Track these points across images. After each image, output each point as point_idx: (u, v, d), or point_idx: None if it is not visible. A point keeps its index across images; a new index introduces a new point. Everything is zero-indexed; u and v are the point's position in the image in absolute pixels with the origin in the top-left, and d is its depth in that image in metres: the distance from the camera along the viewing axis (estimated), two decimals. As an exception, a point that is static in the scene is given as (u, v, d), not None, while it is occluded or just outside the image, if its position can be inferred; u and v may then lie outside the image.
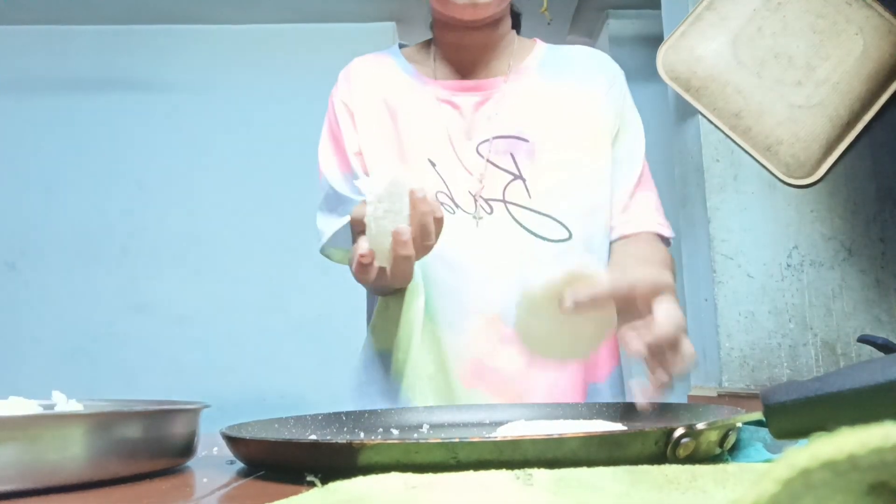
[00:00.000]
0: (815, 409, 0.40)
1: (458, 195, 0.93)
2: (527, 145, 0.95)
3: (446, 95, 0.99)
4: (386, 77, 1.02)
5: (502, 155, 0.95)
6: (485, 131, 0.96)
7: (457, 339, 0.89)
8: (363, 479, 0.39)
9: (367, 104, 1.00)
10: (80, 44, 2.78)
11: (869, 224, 1.65)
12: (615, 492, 0.36)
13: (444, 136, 0.96)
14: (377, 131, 0.98)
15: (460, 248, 0.91)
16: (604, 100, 1.01)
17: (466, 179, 0.94)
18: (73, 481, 0.44)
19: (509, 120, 0.97)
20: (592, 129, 0.99)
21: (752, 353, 1.61)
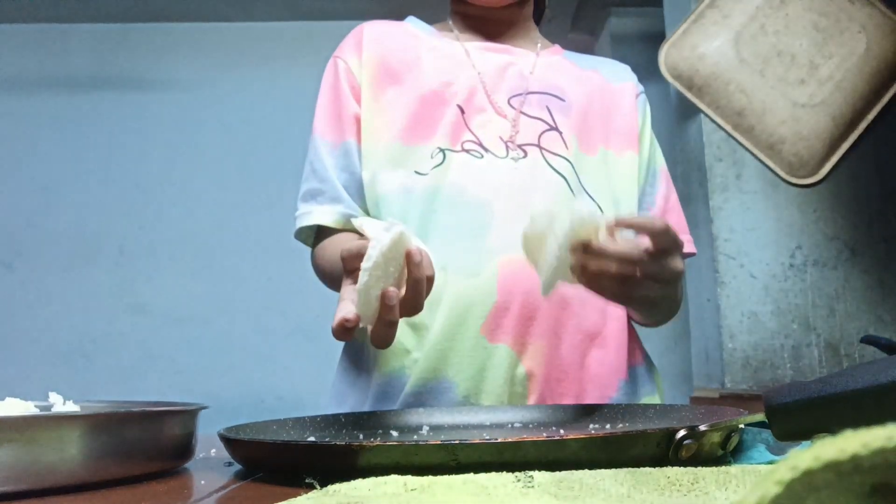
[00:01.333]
0: (818, 411, 0.40)
1: (487, 140, 0.88)
2: (563, 104, 0.92)
3: (474, 50, 0.94)
4: (401, 36, 0.96)
5: (537, 107, 0.91)
6: (516, 85, 0.92)
7: (479, 285, 0.80)
8: (362, 482, 0.39)
9: (382, 66, 0.93)
10: (77, 42, 2.78)
11: (872, 224, 1.64)
12: (616, 494, 0.36)
13: (474, 83, 0.91)
14: (387, 95, 0.91)
15: (486, 189, 0.85)
16: (633, 100, 0.99)
17: (498, 126, 0.89)
18: (70, 483, 0.44)
19: (543, 79, 0.93)
20: (622, 123, 0.97)
21: (755, 353, 1.60)
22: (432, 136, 0.88)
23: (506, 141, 0.88)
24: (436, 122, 0.89)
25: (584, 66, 0.99)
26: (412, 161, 0.88)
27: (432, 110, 0.89)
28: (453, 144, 0.88)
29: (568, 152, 0.89)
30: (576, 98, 0.93)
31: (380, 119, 0.91)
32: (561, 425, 0.63)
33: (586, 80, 0.97)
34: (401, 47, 0.94)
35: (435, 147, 0.88)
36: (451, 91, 0.90)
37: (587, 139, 0.92)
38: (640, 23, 2.68)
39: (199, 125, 2.74)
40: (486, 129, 0.88)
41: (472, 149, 0.87)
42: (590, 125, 0.93)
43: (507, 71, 0.93)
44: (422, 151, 0.88)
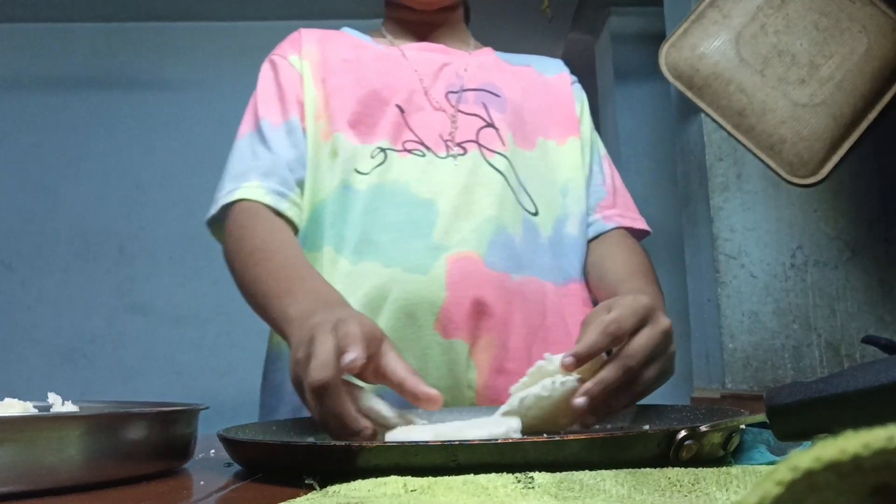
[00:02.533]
0: (819, 411, 0.40)
1: (427, 139, 0.89)
2: (499, 99, 0.93)
3: (412, 52, 0.96)
4: (337, 38, 0.97)
5: (473, 104, 0.92)
6: (452, 83, 0.93)
7: (428, 282, 0.79)
8: (362, 482, 0.39)
9: (322, 63, 0.93)
10: (76, 42, 2.77)
11: (873, 224, 1.64)
12: (617, 494, 0.36)
13: (412, 82, 0.92)
14: (327, 88, 0.91)
15: (430, 187, 0.85)
16: (569, 88, 1.01)
17: (438, 123, 0.90)
18: (69, 483, 0.44)
19: (477, 77, 0.95)
20: (560, 111, 0.98)
21: (756, 354, 1.60)
22: (373, 137, 0.88)
23: (445, 139, 0.89)
24: (376, 123, 0.89)
25: (516, 63, 1.01)
26: (353, 159, 0.87)
27: (372, 110, 0.90)
28: (395, 143, 0.88)
29: (504, 149, 0.89)
30: (510, 93, 0.95)
31: (321, 108, 0.90)
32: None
33: (520, 76, 0.98)
34: (339, 48, 0.95)
35: (375, 147, 0.88)
36: (390, 91, 0.91)
37: (523, 134, 0.93)
38: (641, 22, 2.68)
39: (199, 124, 2.74)
40: (426, 128, 0.89)
41: (413, 148, 0.88)
42: (525, 120, 0.94)
43: (442, 70, 0.94)
44: (363, 151, 0.88)
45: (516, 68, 1.00)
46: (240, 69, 2.77)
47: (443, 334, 0.79)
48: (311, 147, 0.90)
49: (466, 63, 0.96)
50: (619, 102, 2.68)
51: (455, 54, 0.97)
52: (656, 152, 2.64)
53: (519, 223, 0.87)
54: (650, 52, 1.97)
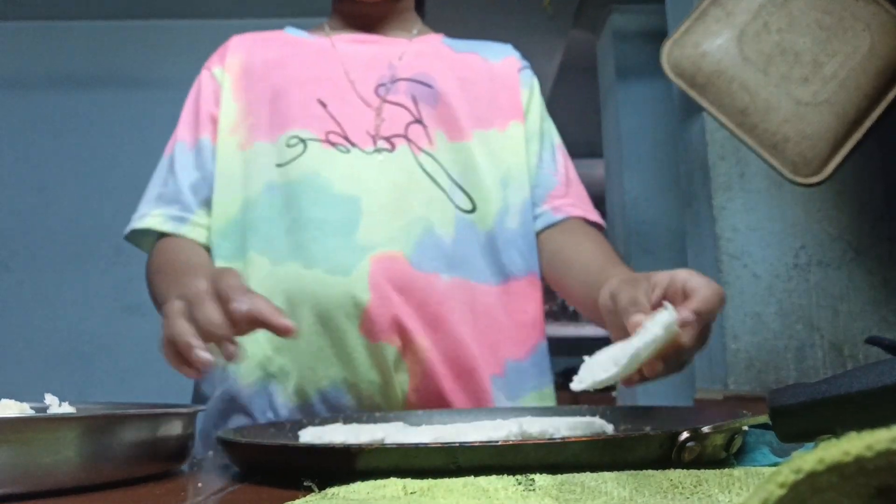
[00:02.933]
0: (822, 412, 0.40)
1: (353, 133, 0.86)
2: (430, 92, 0.90)
3: (342, 44, 0.93)
4: (269, 41, 0.96)
5: (403, 96, 0.89)
6: (383, 74, 0.91)
7: (350, 283, 0.77)
8: (361, 485, 0.38)
9: (244, 69, 0.92)
10: (74, 40, 2.77)
11: (877, 224, 1.64)
12: (619, 496, 0.36)
13: (338, 76, 0.90)
14: (249, 96, 0.90)
15: (354, 184, 0.82)
16: (516, 74, 0.97)
17: (363, 117, 0.87)
18: (66, 485, 0.44)
19: (411, 66, 0.92)
20: (503, 98, 0.95)
21: (759, 354, 1.60)
22: (289, 126, 0.86)
23: (371, 134, 0.86)
24: (294, 114, 0.87)
25: (460, 50, 0.97)
26: (272, 155, 0.86)
27: (291, 104, 0.88)
28: (317, 133, 0.86)
29: (432, 147, 0.87)
30: (444, 84, 0.91)
31: (239, 120, 0.90)
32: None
33: (461, 63, 0.95)
34: (264, 50, 0.94)
35: (292, 136, 0.85)
36: (312, 85, 0.89)
37: (456, 127, 0.89)
38: (643, 20, 2.68)
39: (201, 125, 2.74)
40: (351, 122, 0.86)
41: (337, 142, 0.85)
42: (460, 112, 0.90)
43: (374, 59, 0.92)
44: (280, 142, 0.86)
45: (459, 55, 0.96)
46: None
47: (369, 337, 0.77)
48: (226, 161, 0.89)
49: (402, 51, 0.94)
50: (621, 101, 2.68)
51: (392, 43, 0.95)
52: (658, 151, 2.63)
53: (451, 224, 0.85)
54: (652, 50, 1.97)
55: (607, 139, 2.88)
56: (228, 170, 0.88)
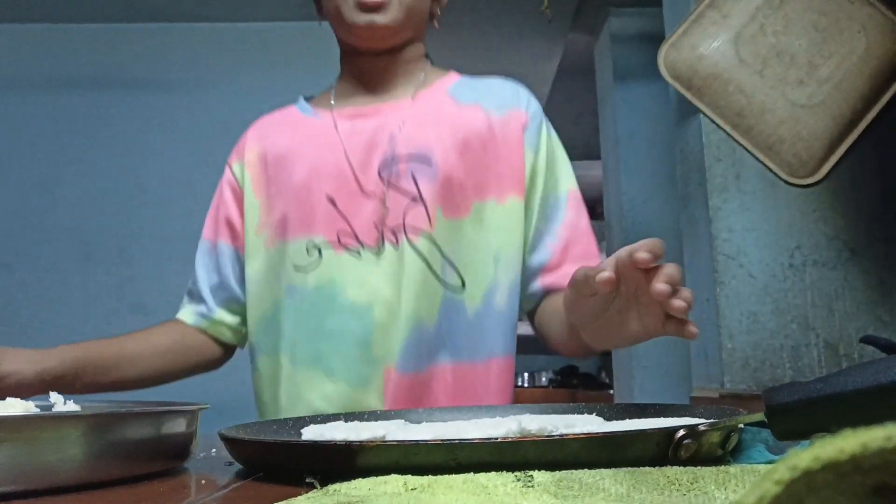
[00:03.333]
0: (818, 411, 0.40)
1: (361, 230, 0.89)
2: (430, 169, 0.90)
3: (344, 122, 0.95)
4: (280, 126, 1.00)
5: (404, 177, 0.90)
6: (385, 151, 0.91)
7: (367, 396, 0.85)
8: (363, 481, 0.39)
9: (260, 166, 0.98)
10: (77, 42, 2.77)
11: (872, 224, 1.64)
12: (616, 493, 0.36)
13: (342, 167, 0.92)
14: (269, 191, 0.96)
15: (366, 291, 0.87)
16: (520, 134, 0.95)
17: (369, 209, 0.90)
18: (71, 483, 0.44)
19: (412, 139, 0.92)
20: (505, 164, 0.93)
21: (755, 353, 1.60)
22: (309, 230, 0.91)
23: (378, 226, 0.89)
24: (308, 218, 0.91)
25: (465, 102, 0.96)
26: (291, 256, 0.91)
27: (305, 206, 0.92)
28: (330, 237, 0.90)
29: (430, 227, 0.89)
30: (443, 157, 0.91)
31: (263, 215, 0.95)
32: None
33: (464, 122, 0.94)
34: (276, 142, 0.98)
35: (310, 241, 0.90)
36: (320, 180, 0.92)
37: (455, 202, 0.90)
38: (640, 23, 2.68)
39: (199, 125, 2.74)
40: (358, 217, 0.90)
41: (348, 244, 0.89)
42: (458, 185, 0.91)
43: (375, 138, 0.93)
44: (299, 246, 0.91)
45: (463, 110, 0.95)
46: (239, 70, 2.78)
47: None
48: (256, 260, 0.95)
49: (403, 117, 0.93)
50: (619, 103, 2.68)
51: (393, 108, 0.95)
52: (655, 153, 2.64)
53: (436, 309, 0.88)
54: (649, 53, 1.97)
55: (605, 141, 2.88)
56: (259, 268, 0.95)
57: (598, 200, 4.99)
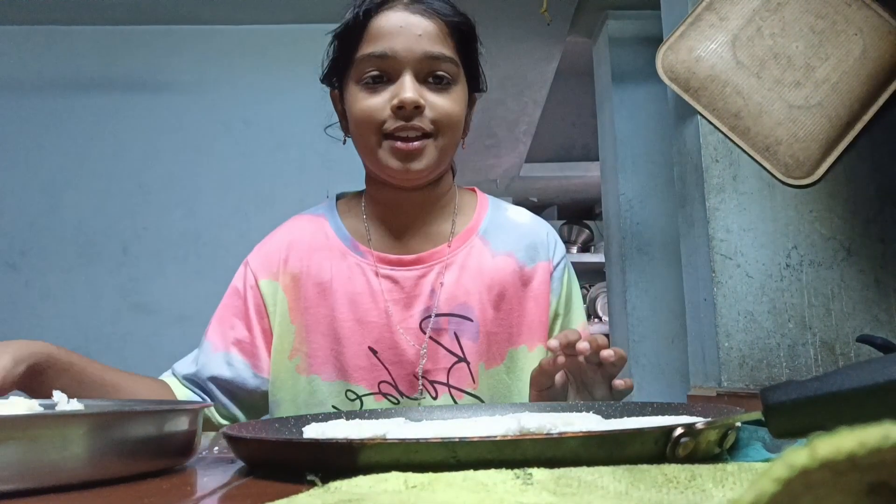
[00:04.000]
0: (815, 409, 0.40)
1: (401, 381, 0.90)
2: (471, 325, 0.92)
3: (386, 270, 0.94)
4: (321, 254, 0.96)
5: (445, 334, 0.92)
6: (427, 307, 0.92)
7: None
8: (363, 479, 0.39)
9: (296, 289, 0.94)
10: (81, 44, 2.78)
11: (868, 224, 1.65)
12: (615, 491, 0.36)
13: (384, 318, 0.91)
14: (306, 321, 0.93)
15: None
16: (547, 286, 0.98)
17: (409, 360, 0.90)
18: (74, 481, 0.44)
19: (453, 296, 0.93)
20: (534, 314, 0.97)
21: (752, 352, 1.61)
22: (346, 377, 0.91)
23: (419, 377, 0.90)
24: (350, 367, 0.90)
25: (497, 250, 0.97)
26: (331, 395, 0.91)
27: (347, 356, 0.91)
28: (370, 387, 0.90)
29: (474, 387, 0.91)
30: (483, 315, 0.93)
31: (297, 342, 0.93)
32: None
33: (498, 274, 0.95)
34: (318, 272, 0.94)
35: (348, 388, 0.90)
36: (363, 330, 0.91)
37: (492, 353, 0.93)
38: (638, 25, 2.69)
39: (202, 126, 2.74)
40: (399, 367, 0.90)
41: (388, 392, 0.90)
42: (494, 337, 0.93)
43: (416, 290, 0.93)
44: (336, 388, 0.91)
45: (497, 261, 0.96)
46: (241, 72, 2.78)
47: None
48: (286, 381, 0.93)
49: (443, 268, 0.94)
50: (617, 105, 2.69)
51: (430, 257, 0.94)
52: (653, 154, 2.64)
53: None
54: (647, 55, 1.98)
55: (603, 142, 2.89)
56: (289, 392, 0.93)
57: (596, 201, 4.99)
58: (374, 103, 0.87)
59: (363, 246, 0.95)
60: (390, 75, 0.87)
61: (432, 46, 0.87)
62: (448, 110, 0.88)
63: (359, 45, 0.89)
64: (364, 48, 0.88)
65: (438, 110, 0.87)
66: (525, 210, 1.06)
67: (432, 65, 0.87)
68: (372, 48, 0.87)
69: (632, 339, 2.53)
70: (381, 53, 0.87)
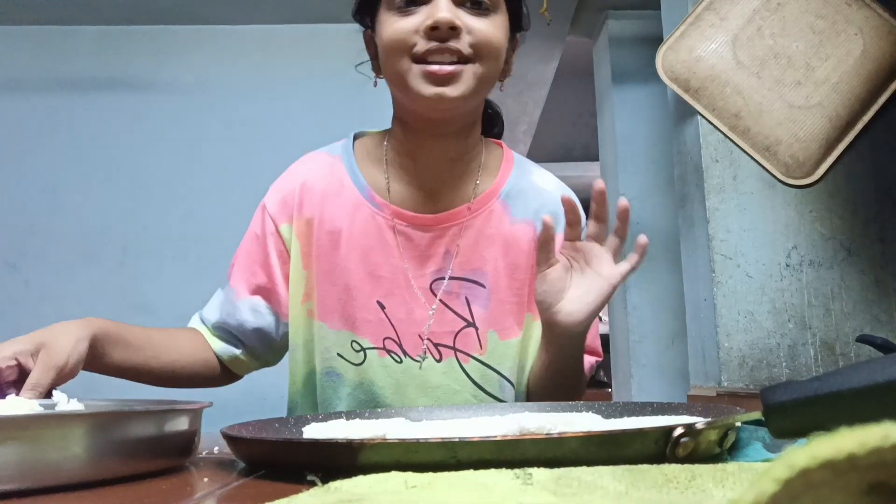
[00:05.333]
0: (815, 409, 0.40)
1: (406, 340, 0.89)
2: (483, 292, 0.91)
3: (402, 227, 0.91)
4: (336, 201, 0.92)
5: (456, 298, 0.90)
6: (440, 268, 0.90)
7: None
8: (363, 479, 0.39)
9: (310, 234, 0.92)
10: (80, 44, 2.78)
11: (868, 224, 1.65)
12: (615, 491, 0.36)
13: (396, 274, 0.90)
14: (318, 268, 0.91)
15: (401, 398, 0.88)
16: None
17: (416, 320, 0.89)
18: (74, 481, 0.44)
19: (467, 260, 0.91)
20: None
21: (752, 352, 1.61)
22: (353, 328, 0.90)
23: (424, 337, 0.89)
24: (357, 318, 0.90)
25: (517, 217, 0.94)
26: (334, 343, 0.90)
27: (356, 306, 0.90)
28: (374, 341, 0.89)
29: (482, 352, 0.90)
30: (497, 281, 0.91)
31: (308, 288, 0.92)
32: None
33: (515, 242, 0.93)
34: (332, 219, 0.92)
35: (355, 339, 0.90)
36: (373, 283, 0.90)
37: (507, 325, 0.91)
38: (638, 25, 2.69)
39: (202, 126, 2.74)
40: (405, 325, 0.89)
41: (392, 349, 0.89)
42: (510, 305, 0.92)
43: (431, 250, 0.91)
44: (343, 337, 0.90)
45: (515, 228, 0.94)
46: (241, 72, 2.78)
47: None
48: (298, 327, 0.93)
49: (460, 231, 0.91)
50: (617, 105, 2.69)
51: (449, 219, 0.91)
52: (653, 154, 2.64)
53: None
54: (648, 55, 1.98)
55: (603, 142, 2.89)
56: (302, 336, 0.93)
57: (595, 201, 4.98)
58: (405, 25, 0.81)
59: (380, 198, 0.92)
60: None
61: None
62: (488, 34, 0.82)
63: None
64: None
65: (477, 34, 0.81)
66: (551, 175, 1.02)
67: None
68: None
69: (632, 339, 2.53)
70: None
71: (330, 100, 2.58)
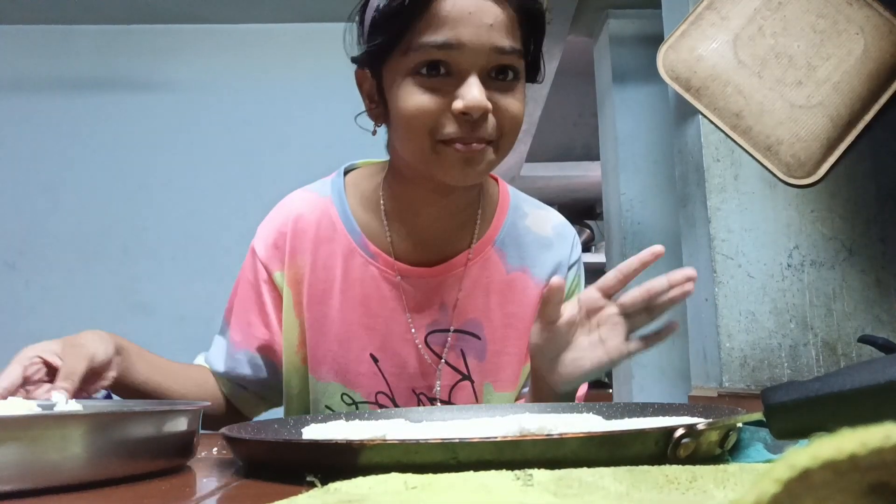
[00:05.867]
0: (816, 410, 0.40)
1: (399, 394, 0.87)
2: (479, 343, 0.88)
3: (398, 278, 0.87)
4: (331, 248, 0.88)
5: (452, 350, 0.88)
6: (436, 320, 0.87)
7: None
8: (363, 480, 0.39)
9: (301, 283, 0.88)
10: (80, 44, 2.78)
11: (869, 224, 1.65)
12: (615, 492, 0.36)
13: (388, 326, 0.86)
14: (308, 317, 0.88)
15: None
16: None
17: (411, 374, 0.87)
18: (73, 482, 0.44)
19: (462, 312, 0.88)
20: None
21: (753, 353, 1.61)
22: (344, 382, 0.88)
23: (417, 393, 0.87)
24: (348, 369, 0.87)
25: (512, 265, 0.91)
26: (324, 395, 0.88)
27: (348, 355, 0.87)
28: (367, 396, 0.87)
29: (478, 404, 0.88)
30: (493, 333, 0.89)
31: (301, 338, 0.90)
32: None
33: (509, 292, 0.90)
34: (324, 270, 0.88)
35: (346, 393, 0.88)
36: (368, 334, 0.87)
37: (503, 378, 0.89)
38: (639, 25, 2.68)
39: (202, 126, 2.74)
40: (398, 378, 0.87)
41: (385, 403, 0.87)
42: (506, 357, 0.89)
43: (427, 301, 0.88)
44: (333, 389, 0.88)
45: (511, 277, 0.91)
46: (242, 71, 2.78)
47: None
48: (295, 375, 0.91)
49: (457, 280, 0.88)
50: (618, 104, 2.69)
51: (449, 269, 0.88)
52: (654, 154, 2.64)
53: None
54: (648, 55, 1.98)
55: (604, 142, 2.89)
56: (297, 385, 0.91)
57: (597, 201, 4.99)
58: (430, 103, 0.74)
59: (374, 246, 0.88)
60: (450, 69, 0.74)
61: (502, 39, 0.74)
62: (515, 112, 0.77)
63: (415, 28, 0.74)
64: (423, 34, 0.74)
65: (504, 114, 0.76)
66: (550, 216, 0.98)
67: (499, 59, 0.75)
68: (434, 36, 0.73)
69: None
70: (445, 43, 0.73)
71: (330, 99, 2.58)
